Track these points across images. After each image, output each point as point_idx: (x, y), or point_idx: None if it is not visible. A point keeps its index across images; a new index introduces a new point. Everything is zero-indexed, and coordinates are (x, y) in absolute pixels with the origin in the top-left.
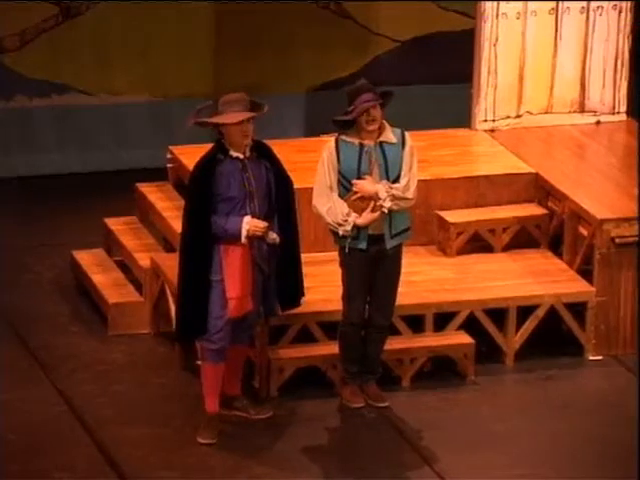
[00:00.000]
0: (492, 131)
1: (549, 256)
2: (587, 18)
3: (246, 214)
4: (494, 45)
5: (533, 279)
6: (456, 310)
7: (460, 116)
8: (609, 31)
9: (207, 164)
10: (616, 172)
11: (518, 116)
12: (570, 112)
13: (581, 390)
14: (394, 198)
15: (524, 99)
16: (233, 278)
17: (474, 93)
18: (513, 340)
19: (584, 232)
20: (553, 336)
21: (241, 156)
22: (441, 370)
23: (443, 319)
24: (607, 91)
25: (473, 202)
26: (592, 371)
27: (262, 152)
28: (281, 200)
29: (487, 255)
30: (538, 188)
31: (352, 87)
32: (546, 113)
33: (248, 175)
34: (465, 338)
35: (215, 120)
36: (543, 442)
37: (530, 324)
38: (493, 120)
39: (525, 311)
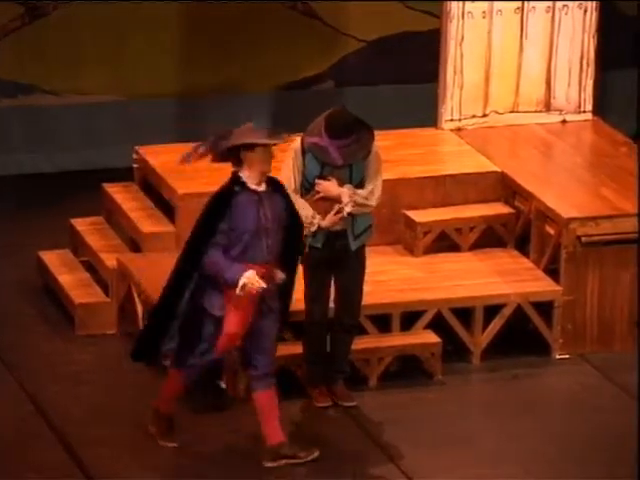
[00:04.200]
0: (458, 130)
1: (516, 255)
2: (553, 17)
3: (260, 250)
4: (460, 44)
5: (500, 278)
6: (423, 309)
7: (427, 116)
8: (575, 30)
9: (224, 195)
10: (582, 171)
11: (484, 115)
12: (536, 111)
13: (548, 389)
14: (356, 204)
15: (490, 98)
16: (236, 315)
17: (440, 92)
18: (480, 339)
19: (551, 231)
20: (520, 335)
21: (258, 189)
22: (408, 369)
23: (410, 318)
24: (573, 90)
25: (440, 201)
26: (559, 370)
27: (275, 187)
28: (289, 239)
29: (454, 254)
30: (505, 187)
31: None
32: (512, 112)
33: (264, 209)
34: (432, 337)
35: (252, 140)
36: (509, 441)
37: (497, 323)
38: (459, 119)
39: (492, 310)
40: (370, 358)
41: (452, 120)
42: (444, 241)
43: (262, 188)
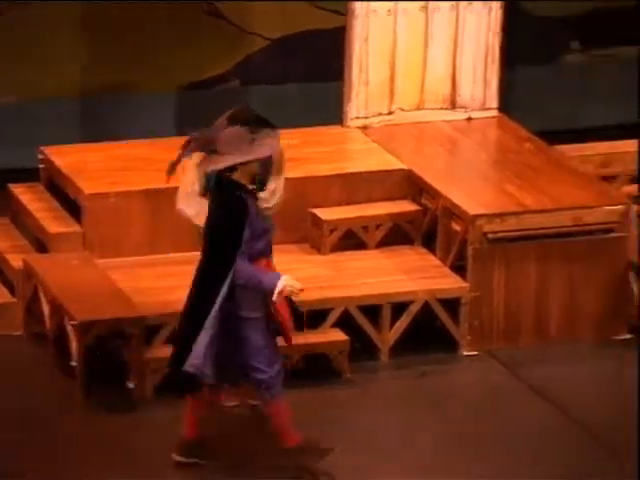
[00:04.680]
0: (364, 128)
1: (422, 252)
2: (457, 15)
3: (268, 246)
4: (365, 42)
5: (407, 275)
6: (330, 307)
7: (333, 114)
8: (479, 28)
9: (238, 205)
10: (488, 168)
11: (390, 113)
12: (442, 108)
13: (455, 385)
14: None
15: (396, 96)
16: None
17: (345, 90)
18: (387, 336)
19: (457, 228)
20: (427, 332)
21: (251, 188)
22: (316, 368)
23: (317, 316)
24: (478, 87)
25: (346, 199)
26: (467, 366)
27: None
28: None
29: (361, 252)
30: (411, 185)
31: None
32: (418, 109)
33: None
34: (339, 335)
35: (261, 154)
36: (419, 438)
37: (404, 320)
38: (365, 117)
39: (399, 308)
40: None
41: (358, 118)
42: (351, 239)
43: (252, 186)
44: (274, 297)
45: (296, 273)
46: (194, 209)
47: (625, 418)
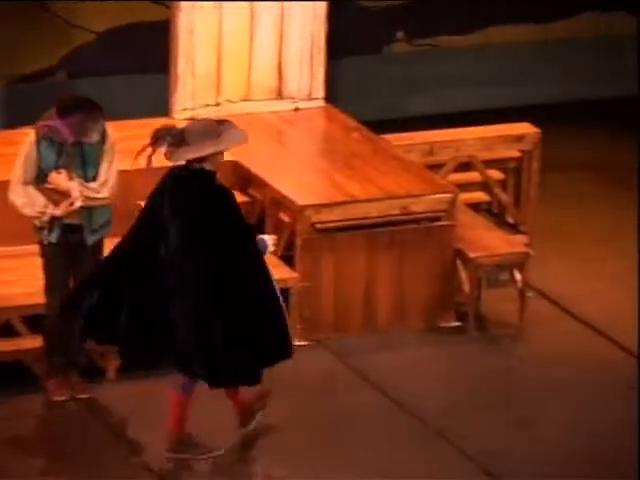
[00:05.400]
0: (191, 120)
1: None
2: (283, 5)
3: None
4: (191, 34)
5: None
6: None
7: (160, 106)
8: (304, 19)
9: (226, 189)
10: (316, 158)
11: (217, 104)
12: (269, 99)
13: (287, 375)
14: (87, 198)
15: (223, 87)
16: None
17: (172, 82)
18: None
19: (285, 218)
20: None
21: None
22: None
23: None
24: (304, 77)
25: None
26: (297, 356)
27: None
28: None
29: None
30: (239, 176)
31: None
32: (245, 100)
33: None
34: None
35: (231, 143)
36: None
37: None
38: (192, 109)
39: None
40: (107, 350)
41: (185, 110)
42: None
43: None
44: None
45: None
46: (21, 198)
47: (454, 404)
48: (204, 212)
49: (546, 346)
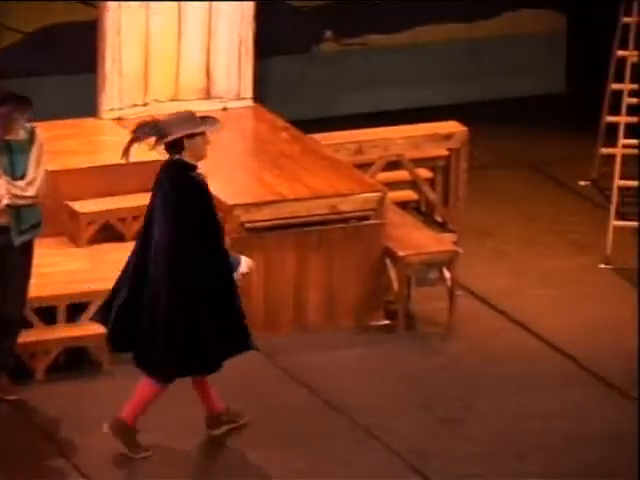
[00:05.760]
0: (119, 120)
1: None
2: (210, 5)
3: None
4: (118, 34)
5: None
6: (89, 300)
7: (88, 106)
8: (233, 18)
9: (201, 183)
10: (245, 158)
11: (145, 104)
12: (197, 99)
13: (217, 374)
14: (14, 196)
15: (150, 87)
16: None
17: (99, 82)
18: None
19: None
20: None
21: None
22: (76, 361)
23: (77, 310)
24: (232, 77)
25: (103, 192)
26: None
27: None
28: None
29: (119, 244)
30: None
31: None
32: (173, 100)
33: None
34: (98, 328)
35: (202, 129)
36: (189, 428)
37: None
38: (120, 109)
39: None
40: (36, 351)
41: (112, 110)
42: (108, 231)
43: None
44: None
45: (54, 267)
46: None
47: (383, 402)
48: (175, 202)
49: (475, 344)
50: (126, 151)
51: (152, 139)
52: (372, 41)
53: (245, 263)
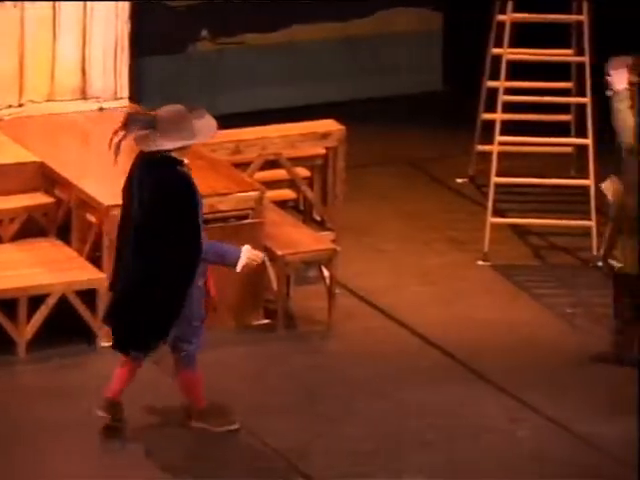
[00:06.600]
0: None
1: (58, 245)
2: (86, 5)
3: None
4: None
5: (43, 268)
6: None
7: None
8: (108, 17)
9: (185, 178)
10: (122, 158)
11: (20, 105)
12: (73, 99)
13: (93, 376)
14: None
15: (26, 87)
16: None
17: None
18: (25, 331)
19: (92, 219)
20: (67, 324)
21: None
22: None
23: None
24: (108, 77)
25: None
26: (104, 357)
27: None
28: None
29: None
30: (44, 177)
31: None
32: (49, 101)
33: None
34: None
35: (200, 138)
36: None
37: (41, 314)
38: None
39: (37, 301)
40: None
41: None
42: None
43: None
44: (238, 269)
45: None
46: None
47: (263, 402)
48: (157, 197)
49: (354, 342)
50: (117, 147)
51: (141, 132)
52: (248, 40)
53: (245, 254)
